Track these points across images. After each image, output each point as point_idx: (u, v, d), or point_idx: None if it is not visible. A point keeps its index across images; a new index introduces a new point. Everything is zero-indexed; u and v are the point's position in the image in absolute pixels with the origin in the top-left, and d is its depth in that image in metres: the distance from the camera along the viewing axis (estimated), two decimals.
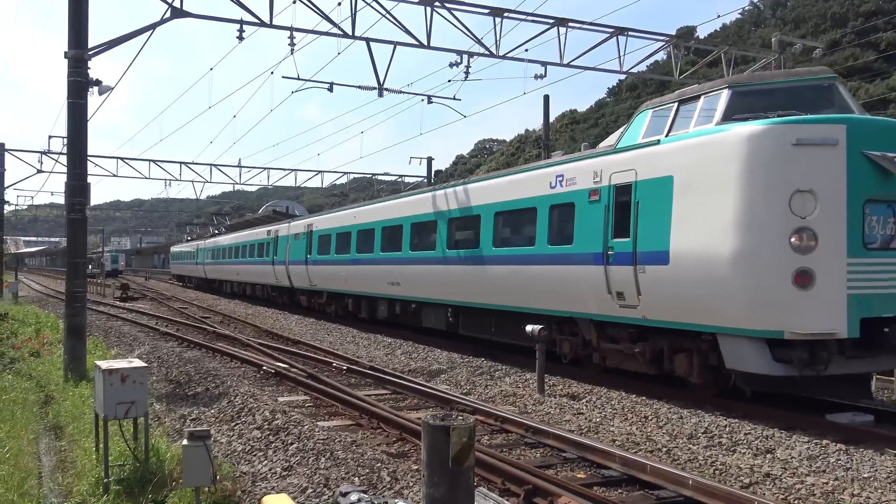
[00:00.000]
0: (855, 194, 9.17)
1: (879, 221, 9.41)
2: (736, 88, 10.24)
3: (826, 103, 10.13)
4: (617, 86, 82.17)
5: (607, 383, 12.22)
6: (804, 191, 9.10)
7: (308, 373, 13.13)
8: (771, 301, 9.17)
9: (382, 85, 18.72)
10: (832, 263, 9.12)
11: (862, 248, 9.26)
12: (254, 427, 9.05)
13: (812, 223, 9.08)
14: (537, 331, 12.00)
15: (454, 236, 15.96)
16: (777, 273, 9.13)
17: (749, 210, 9.29)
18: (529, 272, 13.26)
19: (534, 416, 9.95)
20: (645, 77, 61.00)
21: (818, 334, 9.01)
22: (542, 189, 13.09)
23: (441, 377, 13.32)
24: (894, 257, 9.50)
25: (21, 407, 10.24)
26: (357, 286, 21.49)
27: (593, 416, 9.96)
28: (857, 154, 9.17)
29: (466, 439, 3.98)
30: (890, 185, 9.32)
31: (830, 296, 9.09)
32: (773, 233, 9.16)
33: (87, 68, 12.89)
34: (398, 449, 8.43)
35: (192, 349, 17.25)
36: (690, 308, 10.02)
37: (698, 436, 8.85)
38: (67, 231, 13.20)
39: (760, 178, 9.27)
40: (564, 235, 12.45)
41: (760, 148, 9.30)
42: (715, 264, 9.54)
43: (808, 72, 10.61)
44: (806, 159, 9.14)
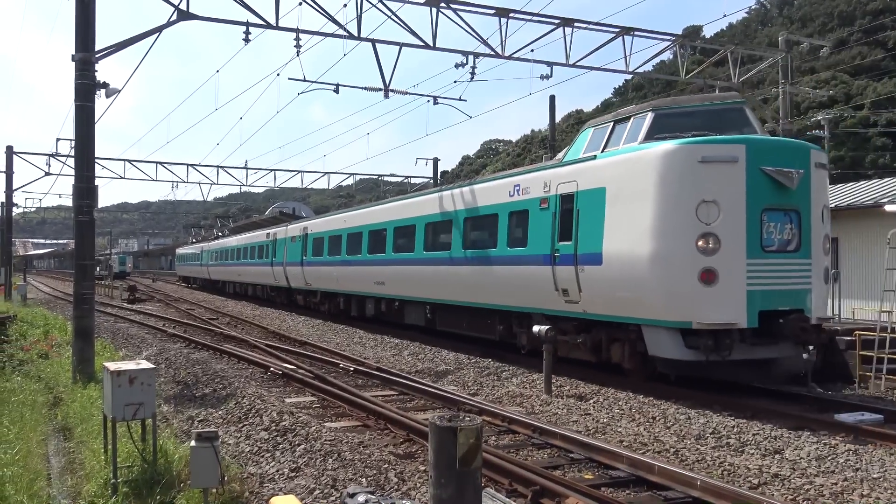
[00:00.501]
0: (753, 204, 10.62)
1: (776, 227, 10.88)
2: (659, 111, 11.79)
3: (735, 124, 11.67)
4: (623, 86, 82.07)
5: (615, 384, 12.20)
6: (709, 201, 10.56)
7: (315, 374, 13.14)
8: (681, 296, 10.63)
9: (388, 86, 18.73)
10: (733, 264, 10.56)
11: (760, 250, 10.69)
12: (261, 428, 9.06)
13: (716, 229, 10.53)
14: (544, 332, 11.99)
15: (430, 239, 17.48)
16: (686, 272, 10.54)
17: (663, 217, 10.76)
18: (493, 272, 14.70)
19: (541, 417, 9.94)
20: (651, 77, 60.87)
21: (721, 324, 10.47)
22: (503, 197, 14.56)
23: (448, 378, 13.32)
24: (789, 258, 10.96)
25: (30, 408, 10.29)
26: (347, 286, 22.92)
27: (601, 416, 9.94)
28: (756, 169, 10.62)
29: (474, 440, 3.97)
30: (785, 196, 10.82)
31: (732, 291, 10.54)
32: (682, 237, 10.59)
33: (94, 71, 12.94)
34: (405, 450, 8.43)
35: (200, 350, 17.29)
36: (620, 303, 11.46)
37: (706, 436, 8.82)
38: (75, 233, 13.26)
39: (672, 190, 10.72)
40: (520, 239, 13.83)
41: (672, 164, 10.74)
42: (637, 264, 11.00)
43: (721, 96, 12.48)
44: (711, 174, 10.59)
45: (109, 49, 13.23)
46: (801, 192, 11.00)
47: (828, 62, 59.11)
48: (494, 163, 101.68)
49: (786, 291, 10.93)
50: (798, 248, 11.08)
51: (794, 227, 11.05)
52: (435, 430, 4.04)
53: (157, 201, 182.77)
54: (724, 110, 11.93)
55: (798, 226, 11.08)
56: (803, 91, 23.51)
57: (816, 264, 11.26)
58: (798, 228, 11.08)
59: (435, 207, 17.42)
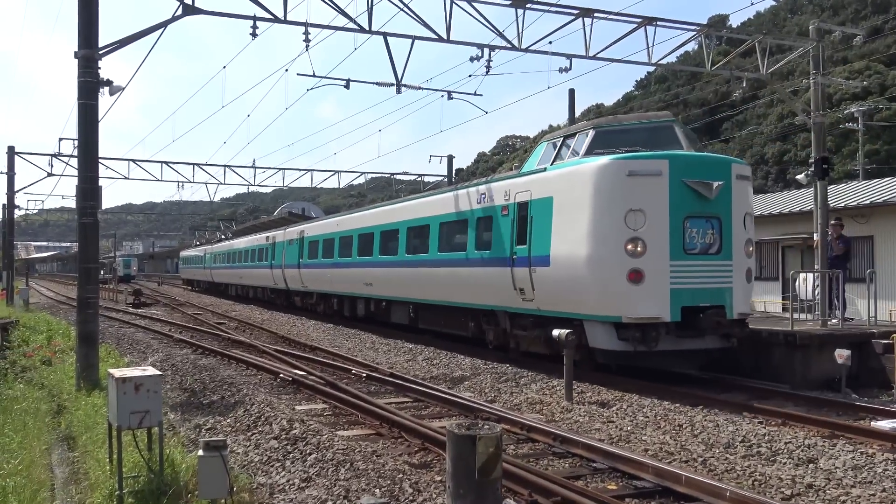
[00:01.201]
0: (676, 212, 12.35)
1: (698, 232, 12.58)
2: (599, 128, 13.75)
3: (666, 140, 13.51)
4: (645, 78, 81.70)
5: (639, 390, 12.15)
6: (636, 210, 12.29)
7: (326, 380, 13.18)
8: (613, 294, 12.40)
9: (401, 81, 18.72)
10: (658, 265, 12.27)
11: (682, 252, 12.43)
12: (271, 437, 9.09)
13: (642, 234, 12.25)
14: (564, 335, 11.95)
15: (412, 242, 19.34)
16: (616, 272, 12.28)
17: (597, 224, 12.53)
18: (463, 273, 16.47)
19: (562, 425, 9.91)
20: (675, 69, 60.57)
21: (647, 319, 12.22)
22: (472, 204, 16.41)
23: (464, 384, 13.31)
24: (710, 260, 12.70)
25: (33, 417, 10.38)
26: (340, 287, 25.00)
27: (624, 424, 9.89)
28: (678, 181, 12.35)
29: (493, 449, 3.96)
30: (706, 205, 12.55)
31: (657, 289, 12.27)
32: (613, 242, 12.35)
33: (97, 68, 13.03)
34: (421, 459, 8.43)
35: (207, 356, 17.38)
36: (565, 300, 13.24)
37: (736, 445, 8.76)
38: (79, 235, 13.35)
39: (604, 199, 12.50)
40: (486, 242, 15.62)
41: (604, 177, 12.55)
42: (577, 266, 12.79)
43: (654, 115, 14.49)
44: (637, 186, 12.32)
45: (113, 45, 13.32)
46: (721, 201, 12.70)
47: (861, 51, 58.48)
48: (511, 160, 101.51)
49: (707, 289, 12.68)
50: (719, 251, 12.76)
51: (716, 233, 12.73)
52: (453, 439, 4.03)
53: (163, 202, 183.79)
54: (657, 128, 13.82)
55: (719, 231, 12.75)
56: (836, 82, 23.29)
57: (738, 265, 12.94)
58: (719, 234, 12.75)
59: (415, 213, 19.32)
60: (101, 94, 13.21)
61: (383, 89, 20.23)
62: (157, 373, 7.09)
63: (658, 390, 12.40)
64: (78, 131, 13.25)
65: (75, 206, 13.43)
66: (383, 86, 19.73)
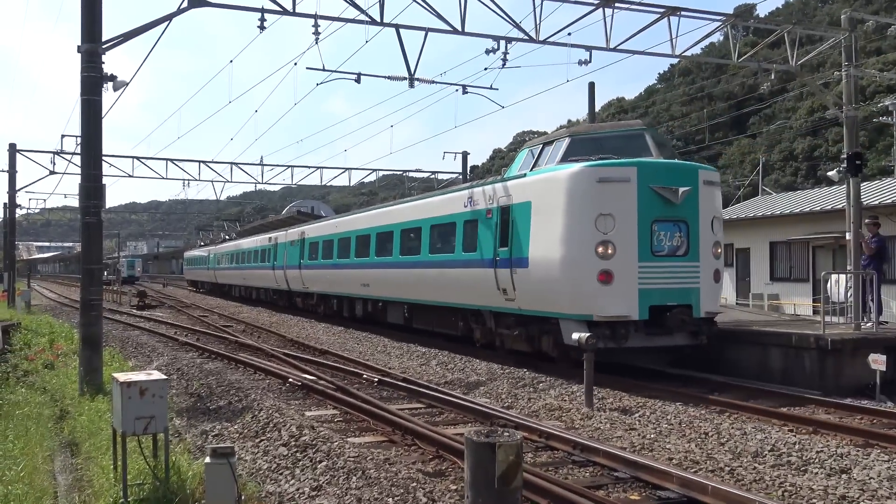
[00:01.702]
0: (644, 216, 13.43)
1: (666, 235, 13.65)
2: (574, 137, 14.95)
3: (637, 148, 14.51)
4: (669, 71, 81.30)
5: (662, 396, 12.10)
6: (606, 214, 13.35)
7: (337, 385, 13.20)
8: (584, 294, 13.47)
9: (413, 75, 18.73)
10: (626, 266, 13.35)
11: (650, 255, 13.49)
12: (280, 444, 9.11)
13: (612, 237, 13.33)
14: (584, 339, 11.93)
15: (405, 244, 20.55)
16: (587, 273, 13.34)
17: (569, 228, 13.62)
18: (452, 274, 17.59)
19: (582, 432, 9.87)
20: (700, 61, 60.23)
21: (616, 317, 13.29)
22: (459, 208, 17.55)
23: (480, 389, 13.30)
24: (677, 261, 13.77)
25: (35, 422, 10.45)
26: (339, 288, 26.33)
27: (647, 431, 9.85)
28: (646, 187, 13.43)
29: (514, 457, 3.95)
30: (673, 209, 13.62)
31: (625, 289, 13.34)
32: (584, 244, 13.41)
33: (101, 63, 13.11)
34: (435, 467, 8.42)
35: (214, 360, 17.46)
36: (543, 299, 14.33)
37: (764, 454, 8.70)
38: (82, 235, 13.45)
39: (576, 205, 13.59)
40: (472, 245, 16.72)
41: (576, 183, 13.64)
42: (552, 267, 13.87)
43: (627, 124, 15.78)
44: (607, 192, 13.40)
45: (117, 39, 13.41)
46: (688, 205, 13.79)
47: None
48: None
49: (674, 289, 13.76)
50: (686, 253, 13.83)
51: (683, 236, 13.80)
52: (472, 447, 4.02)
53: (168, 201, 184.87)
54: (629, 136, 14.91)
55: (687, 234, 13.81)
56: (869, 74, 23.13)
57: (705, 267, 13.98)
58: (687, 236, 13.81)
59: (409, 215, 20.60)
60: (105, 89, 13.30)
61: (395, 84, 20.23)
62: (162, 377, 7.12)
63: (682, 396, 12.35)
64: (81, 128, 13.35)
65: (78, 205, 13.52)
66: (395, 80, 19.73)
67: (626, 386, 13.27)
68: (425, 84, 20.49)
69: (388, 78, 20.38)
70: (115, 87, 13.60)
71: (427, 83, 20.69)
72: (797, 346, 13.62)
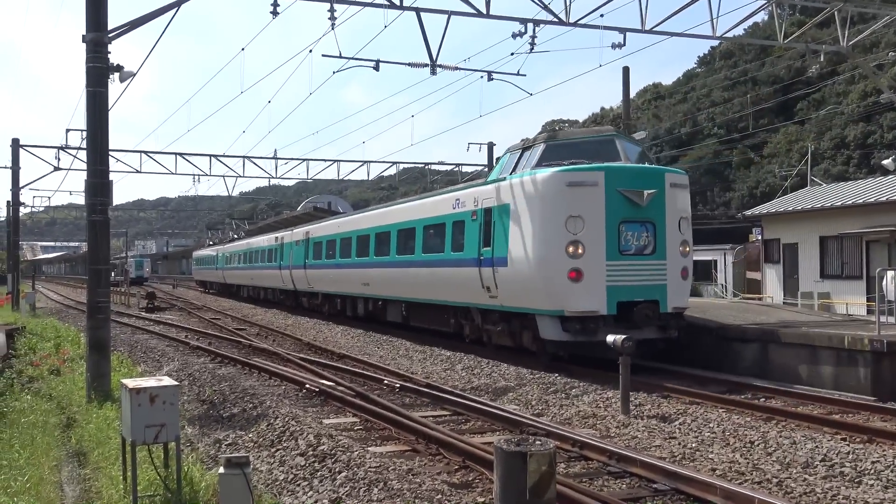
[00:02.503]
0: (612, 217, 15.01)
1: (633, 235, 15.23)
2: (549, 143, 16.55)
3: (608, 153, 16.11)
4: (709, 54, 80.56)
5: (704, 402, 12.01)
6: (575, 216, 14.93)
7: (356, 391, 13.25)
8: (556, 290, 15.06)
9: (435, 61, 18.75)
10: (595, 265, 14.94)
11: (618, 254, 15.08)
12: (297, 453, 9.17)
13: (581, 238, 14.92)
14: (620, 342, 11.87)
15: (401, 244, 22.28)
16: (559, 271, 14.97)
17: (542, 228, 15.27)
18: (442, 273, 19.22)
19: (618, 441, 9.84)
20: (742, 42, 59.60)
21: (586, 312, 14.87)
22: (448, 209, 19.21)
23: (508, 395, 13.29)
24: (644, 260, 15.35)
25: (41, 431, 10.59)
26: (343, 287, 28.15)
27: (688, 440, 9.79)
28: (613, 190, 15.00)
29: (546, 467, 3.94)
30: (638, 211, 15.20)
31: (594, 286, 14.92)
32: (555, 244, 15.02)
33: (107, 53, 13.26)
34: (461, 478, 8.44)
35: (227, 365, 17.60)
36: (521, 296, 15.90)
37: (815, 464, 8.62)
38: (88, 234, 13.60)
39: (548, 207, 15.22)
40: (460, 245, 18.30)
41: (548, 187, 15.26)
42: (527, 266, 15.49)
43: (598, 130, 17.65)
44: (576, 195, 15.01)
45: (123, 28, 13.54)
46: (655, 207, 15.33)
47: None
48: None
49: (642, 286, 15.28)
50: (653, 252, 15.38)
51: (650, 235, 15.35)
52: (502, 456, 4.02)
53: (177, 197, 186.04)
54: (600, 142, 16.52)
55: (653, 234, 15.36)
56: None
57: (672, 265, 15.54)
58: (653, 236, 15.36)
59: (405, 216, 22.30)
60: (111, 80, 13.45)
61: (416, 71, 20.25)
62: (173, 383, 7.19)
63: (726, 402, 12.26)
64: (86, 121, 13.50)
65: (84, 202, 13.66)
66: (416, 67, 19.75)
67: (665, 392, 13.20)
68: (448, 71, 20.50)
69: (408, 65, 20.42)
70: (122, 78, 13.74)
71: (450, 70, 20.70)
72: (850, 349, 13.46)
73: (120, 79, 13.69)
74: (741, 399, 12.71)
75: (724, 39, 19.56)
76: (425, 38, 17.95)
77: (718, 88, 67.59)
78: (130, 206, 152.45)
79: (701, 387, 14.00)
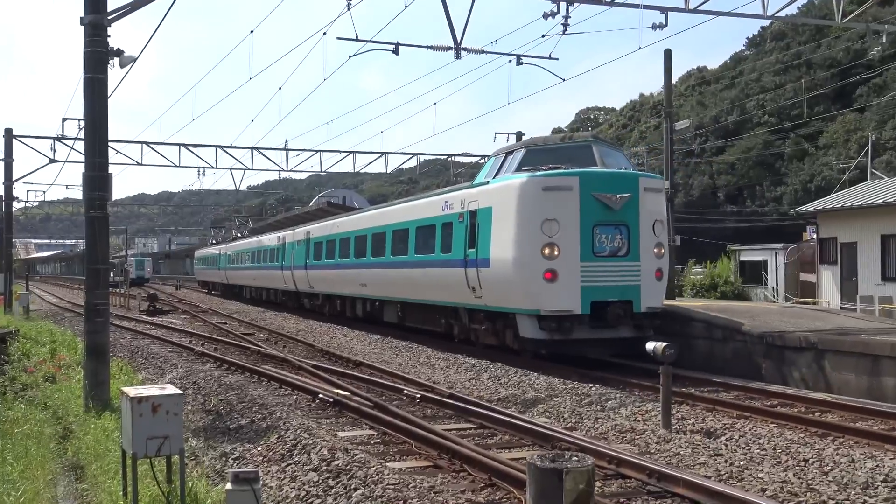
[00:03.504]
0: (586, 221, 16.86)
1: (607, 238, 17.08)
2: (529, 148, 18.69)
3: (584, 159, 17.92)
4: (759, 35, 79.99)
5: (754, 416, 11.93)
6: (551, 219, 16.76)
7: (374, 402, 13.29)
8: (533, 290, 16.94)
9: (460, 44, 18.77)
10: (569, 266, 16.75)
11: (592, 255, 16.92)
12: (309, 468, 9.21)
13: (556, 240, 16.77)
14: (661, 349, 11.80)
15: (396, 245, 24.10)
16: (535, 272, 16.83)
17: (519, 231, 17.13)
18: (432, 273, 21.16)
19: (658, 458, 9.79)
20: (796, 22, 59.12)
21: (561, 311, 16.69)
22: (438, 211, 21.20)
23: (538, 407, 13.27)
24: (618, 261, 17.20)
25: (36, 442, 10.70)
26: (342, 288, 30.21)
27: (736, 458, 9.73)
28: (588, 195, 16.85)
29: (584, 485, 3.93)
30: (612, 214, 17.07)
31: (569, 287, 16.74)
32: (532, 246, 16.87)
33: (106, 36, 13.34)
34: (488, 497, 8.43)
35: (234, 373, 17.71)
36: (502, 296, 17.91)
37: (876, 485, 8.53)
38: (86, 231, 13.68)
39: (525, 210, 17.09)
40: (448, 245, 20.22)
41: (525, 191, 17.18)
42: (507, 267, 17.42)
43: (577, 136, 19.84)
44: (552, 199, 16.88)
45: (124, 9, 13.64)
46: (629, 211, 17.18)
47: None
48: None
49: (615, 286, 17.11)
50: (627, 254, 17.25)
51: (624, 238, 17.23)
52: (535, 473, 4.01)
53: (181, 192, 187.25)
54: (577, 147, 18.45)
55: (627, 236, 17.23)
56: None
57: (646, 266, 17.35)
58: (627, 239, 17.23)
59: (398, 217, 24.41)
60: (111, 66, 13.52)
61: (439, 54, 20.28)
62: (177, 392, 7.24)
63: (777, 416, 12.17)
64: (84, 110, 13.60)
65: (81, 197, 13.76)
66: (439, 50, 19.78)
67: (709, 403, 13.12)
68: (474, 54, 20.49)
69: (430, 48, 20.45)
70: (122, 64, 13.84)
71: (476, 53, 20.69)
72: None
73: (120, 64, 13.78)
74: (794, 413, 12.62)
75: (775, 19, 19.42)
76: (449, 19, 17.98)
77: (769, 73, 67.02)
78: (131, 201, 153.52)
79: (749, 398, 13.90)
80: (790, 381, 15.23)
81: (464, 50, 19.13)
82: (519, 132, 38.00)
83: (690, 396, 13.87)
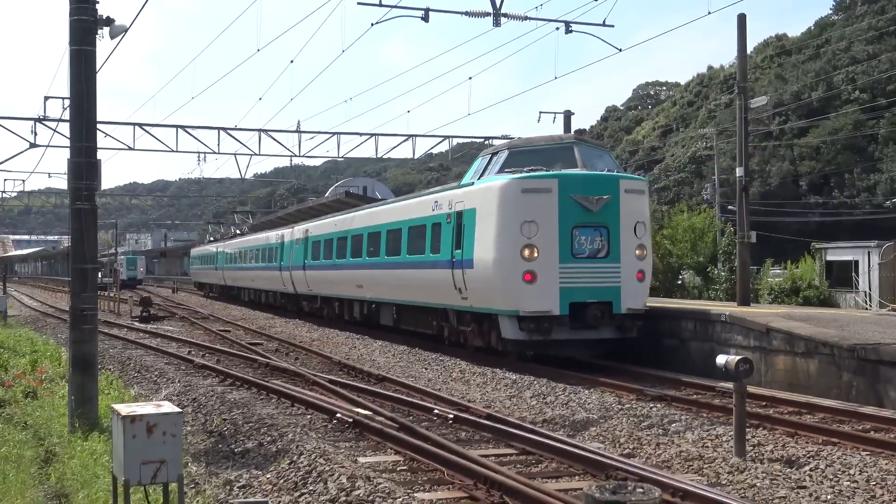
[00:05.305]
0: (565, 222, 19.26)
1: (587, 239, 19.52)
2: (512, 150, 21.46)
3: (566, 160, 20.43)
4: None
5: (842, 443, 11.81)
6: (530, 221, 19.17)
7: (399, 422, 13.30)
8: (512, 292, 19.41)
9: (499, 9, 18.74)
10: (548, 267, 19.18)
11: (571, 257, 19.37)
12: (326, 499, 9.23)
13: (535, 241, 19.17)
14: (734, 363, 11.70)
15: (390, 245, 26.73)
16: (514, 273, 19.27)
17: (499, 233, 19.61)
18: (423, 274, 23.69)
19: (731, 490, 9.74)
20: None
21: (539, 312, 19.08)
22: (428, 211, 23.77)
23: (590, 430, 13.24)
24: (598, 263, 19.65)
25: (14, 466, 10.79)
26: (340, 289, 32.60)
27: (822, 491, 9.65)
28: (567, 197, 19.24)
29: None
30: (592, 216, 19.48)
31: (547, 288, 19.16)
32: (511, 248, 19.34)
33: (94, 2, 13.44)
34: None
35: (240, 388, 17.81)
36: (485, 297, 20.35)
37: None
38: (72, 226, 13.79)
39: (505, 212, 19.60)
40: (437, 246, 22.69)
41: (505, 193, 19.72)
42: (488, 268, 19.90)
43: (560, 137, 22.44)
44: (531, 201, 19.31)
45: None
46: (609, 212, 19.56)
47: None
48: (655, 116, 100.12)
49: (595, 288, 19.54)
50: (607, 255, 19.68)
51: (604, 240, 19.64)
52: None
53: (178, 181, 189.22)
54: (559, 149, 20.97)
55: (607, 238, 19.63)
56: None
57: (626, 267, 19.77)
58: (607, 240, 19.63)
59: (393, 216, 26.90)
60: (100, 37, 13.60)
61: (475, 21, 20.26)
62: (175, 410, 7.28)
63: (870, 442, 12.04)
64: (70, 87, 13.69)
65: (66, 186, 13.86)
66: (475, 17, 19.77)
67: (792, 428, 13.00)
68: (516, 21, 20.46)
69: (465, 14, 20.44)
70: (112, 34, 13.91)
71: (518, 20, 20.66)
72: None
73: (110, 34, 13.86)
74: (890, 439, 12.48)
75: None
76: None
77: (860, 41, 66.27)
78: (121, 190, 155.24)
79: (837, 422, 13.76)
80: (886, 402, 15.03)
81: (504, 16, 19.12)
82: (567, 111, 37.80)
83: (768, 419, 13.76)
